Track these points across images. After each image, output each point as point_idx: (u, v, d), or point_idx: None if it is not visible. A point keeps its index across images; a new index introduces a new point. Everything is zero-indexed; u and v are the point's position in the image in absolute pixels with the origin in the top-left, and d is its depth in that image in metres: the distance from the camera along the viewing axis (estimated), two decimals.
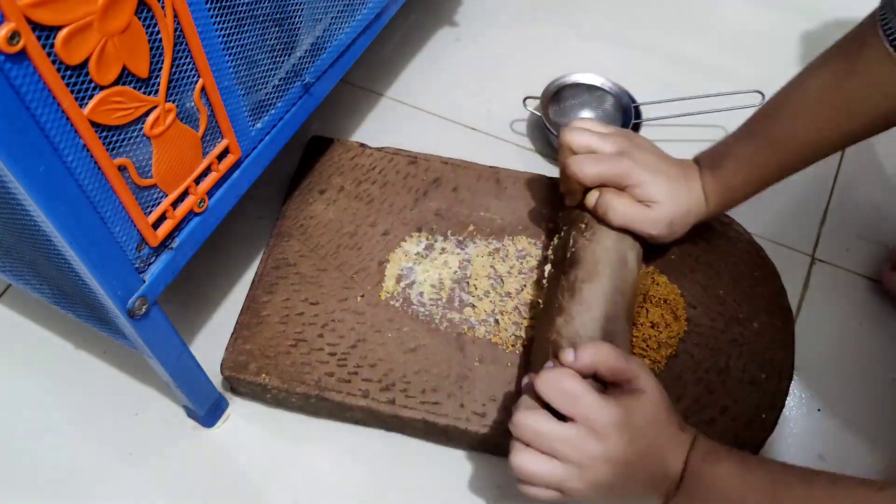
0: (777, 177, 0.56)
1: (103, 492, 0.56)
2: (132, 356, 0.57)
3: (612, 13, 0.91)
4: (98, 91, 0.35)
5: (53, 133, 0.34)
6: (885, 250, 0.69)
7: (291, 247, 0.64)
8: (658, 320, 0.58)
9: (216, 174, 0.47)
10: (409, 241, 0.64)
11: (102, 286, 0.41)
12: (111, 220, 0.39)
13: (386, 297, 0.60)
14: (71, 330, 0.64)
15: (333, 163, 0.70)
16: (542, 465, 0.44)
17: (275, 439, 0.58)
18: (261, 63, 0.48)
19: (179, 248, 0.46)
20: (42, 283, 0.51)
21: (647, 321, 0.58)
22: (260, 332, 0.58)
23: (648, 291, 0.59)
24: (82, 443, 0.58)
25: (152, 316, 0.46)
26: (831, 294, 0.67)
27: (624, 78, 0.78)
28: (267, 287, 0.61)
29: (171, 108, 0.40)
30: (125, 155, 0.39)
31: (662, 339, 0.57)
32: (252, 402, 0.60)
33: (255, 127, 0.50)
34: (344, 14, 0.56)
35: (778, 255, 0.65)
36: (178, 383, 0.52)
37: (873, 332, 0.64)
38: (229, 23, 0.43)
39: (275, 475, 0.57)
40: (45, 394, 0.61)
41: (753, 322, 0.58)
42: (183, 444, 0.58)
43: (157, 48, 0.38)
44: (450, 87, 0.83)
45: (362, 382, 0.56)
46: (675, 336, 0.58)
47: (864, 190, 0.74)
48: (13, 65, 0.30)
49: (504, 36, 0.89)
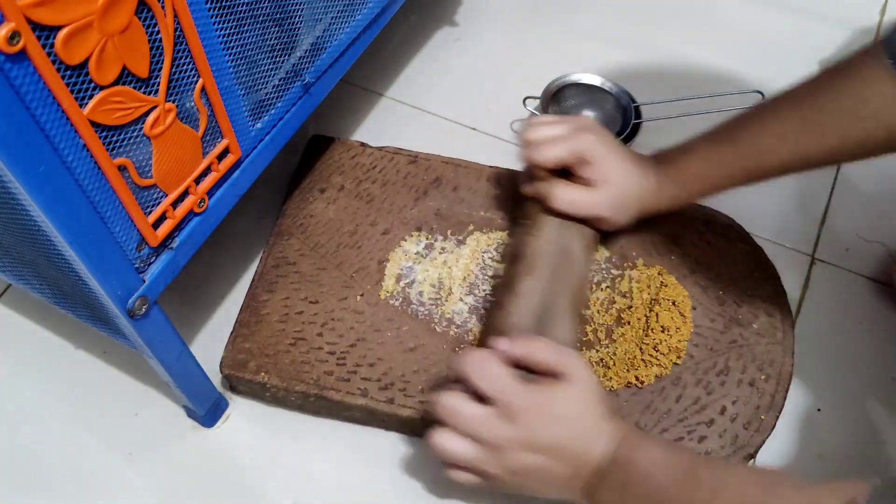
0: (736, 181, 0.55)
1: (103, 492, 0.56)
2: (132, 356, 0.57)
3: (612, 13, 0.91)
4: (98, 91, 0.35)
5: (53, 133, 0.34)
6: (885, 250, 0.69)
7: (291, 245, 0.64)
8: (669, 324, 0.57)
9: (216, 174, 0.47)
10: (408, 241, 0.64)
11: (102, 286, 0.41)
12: (111, 220, 0.39)
13: (385, 296, 0.60)
14: (71, 330, 0.64)
15: (334, 162, 0.70)
16: (457, 445, 0.45)
17: (275, 439, 0.58)
18: (261, 63, 0.48)
19: (179, 248, 0.46)
20: (42, 283, 0.51)
21: (657, 325, 0.57)
22: (259, 330, 0.58)
23: (658, 294, 0.59)
24: (82, 443, 0.58)
25: (152, 316, 0.46)
26: (831, 294, 0.67)
27: (624, 78, 0.78)
28: (267, 286, 0.61)
29: (171, 108, 0.40)
30: (125, 155, 0.39)
31: (673, 343, 0.57)
32: (252, 401, 0.60)
33: (255, 127, 0.50)
34: (344, 14, 0.56)
35: (778, 255, 0.65)
36: (178, 383, 0.52)
37: (873, 332, 0.64)
38: (229, 23, 0.43)
39: (275, 475, 0.57)
40: (45, 394, 0.61)
41: (753, 323, 0.58)
42: (183, 444, 0.58)
43: (157, 48, 0.38)
44: (450, 87, 0.83)
45: (361, 381, 0.56)
46: (685, 340, 0.57)
47: (864, 190, 0.74)
48: (13, 65, 0.30)
49: (504, 36, 0.89)
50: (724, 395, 0.55)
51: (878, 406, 0.60)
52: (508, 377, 0.45)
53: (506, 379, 0.45)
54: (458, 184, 0.68)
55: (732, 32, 0.88)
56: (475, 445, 0.45)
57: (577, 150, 0.55)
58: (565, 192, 0.56)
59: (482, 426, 0.44)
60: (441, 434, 0.46)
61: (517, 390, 0.44)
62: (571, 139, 0.56)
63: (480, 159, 0.70)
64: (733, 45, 0.87)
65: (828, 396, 0.61)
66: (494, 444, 0.44)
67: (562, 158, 0.56)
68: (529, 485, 0.45)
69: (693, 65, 0.85)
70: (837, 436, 0.59)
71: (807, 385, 0.61)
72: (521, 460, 0.44)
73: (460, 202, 0.67)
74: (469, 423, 0.45)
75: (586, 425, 0.44)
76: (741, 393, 0.55)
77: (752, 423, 0.54)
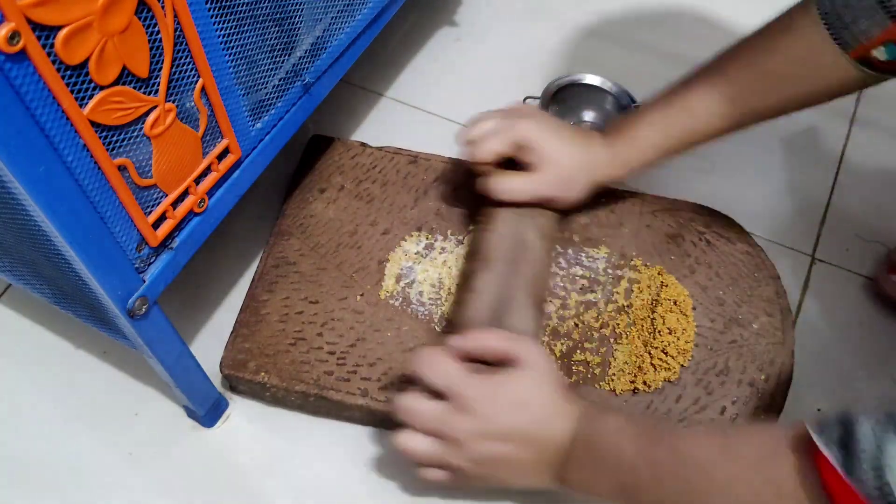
0: (686, 143, 0.56)
1: (103, 492, 0.56)
2: (132, 356, 0.57)
3: (612, 13, 0.91)
4: (98, 91, 0.35)
5: (53, 133, 0.34)
6: (885, 250, 0.69)
7: (291, 245, 0.64)
8: (675, 325, 0.57)
9: (216, 174, 0.47)
10: (408, 241, 0.64)
11: (102, 286, 0.41)
12: (111, 220, 0.39)
13: (385, 296, 0.60)
14: (71, 330, 0.64)
15: (334, 162, 0.70)
16: (419, 443, 0.46)
17: (275, 439, 0.58)
18: (261, 63, 0.48)
19: (179, 248, 0.46)
20: (42, 283, 0.51)
21: (664, 328, 0.57)
22: (259, 330, 0.58)
23: (659, 295, 0.59)
24: (82, 443, 0.58)
25: (152, 316, 0.46)
26: (831, 294, 0.67)
27: (624, 78, 0.78)
28: (267, 285, 0.61)
29: (171, 108, 0.40)
30: (125, 155, 0.39)
31: (681, 345, 0.56)
32: (252, 401, 0.60)
33: (255, 127, 0.50)
34: (344, 14, 0.56)
35: (778, 255, 0.65)
36: (178, 383, 0.52)
37: (873, 332, 0.64)
38: (229, 23, 0.43)
39: (275, 475, 0.57)
40: (45, 394, 0.61)
41: (753, 323, 0.58)
42: (183, 444, 0.58)
43: (157, 48, 0.38)
44: (450, 87, 0.83)
45: (361, 381, 0.56)
46: (690, 341, 0.57)
47: (864, 190, 0.74)
48: (13, 65, 0.30)
49: (504, 36, 0.89)
50: (723, 396, 0.55)
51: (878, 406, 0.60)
52: (457, 370, 0.45)
53: (455, 372, 0.45)
54: (458, 184, 0.68)
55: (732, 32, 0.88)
56: (436, 442, 0.45)
57: (513, 139, 0.56)
58: (504, 181, 0.57)
59: (438, 421, 0.45)
60: (403, 434, 0.46)
61: (467, 382, 0.45)
62: (506, 130, 0.56)
63: None
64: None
65: (828, 396, 0.60)
66: (454, 438, 0.44)
67: (499, 151, 0.56)
68: (500, 475, 0.46)
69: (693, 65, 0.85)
70: None
71: (807, 385, 0.61)
72: (483, 450, 0.44)
73: (460, 202, 0.67)
74: (426, 420, 0.45)
75: (543, 408, 0.44)
76: (741, 393, 0.55)
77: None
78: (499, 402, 0.44)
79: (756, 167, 0.75)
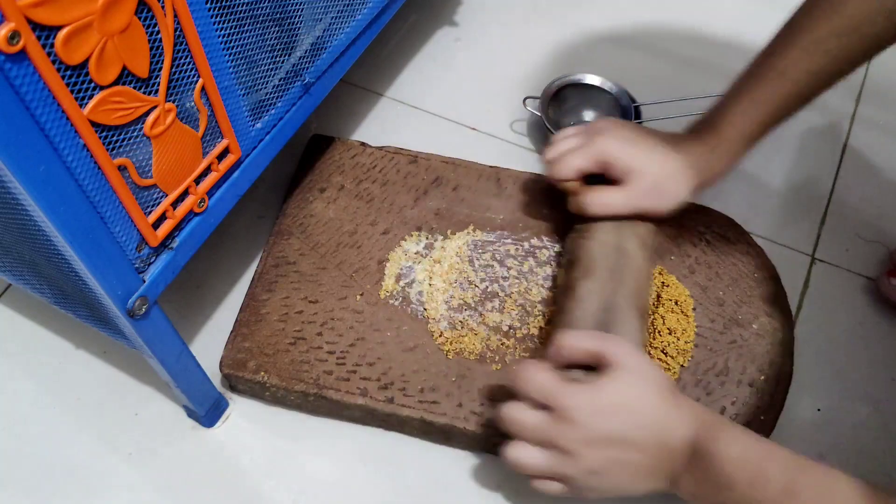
0: (787, 111, 0.54)
1: (103, 491, 0.56)
2: (132, 356, 0.57)
3: (612, 13, 0.91)
4: (98, 91, 0.35)
5: (53, 133, 0.34)
6: (885, 250, 0.69)
7: (291, 245, 0.64)
8: (675, 325, 0.57)
9: (216, 174, 0.47)
10: (408, 240, 0.64)
11: (102, 286, 0.41)
12: (111, 220, 0.39)
13: (385, 295, 0.60)
14: (71, 330, 0.64)
15: (334, 161, 0.70)
16: (530, 455, 0.45)
17: (275, 439, 0.58)
18: (261, 63, 0.48)
19: (179, 248, 0.46)
20: (42, 283, 0.51)
21: (664, 328, 0.57)
22: (259, 329, 0.58)
23: (660, 295, 0.59)
24: (82, 443, 0.58)
25: (152, 316, 0.46)
26: (831, 294, 0.67)
27: (624, 78, 0.78)
28: (266, 285, 0.61)
29: (171, 108, 0.40)
30: (125, 155, 0.39)
31: (681, 346, 0.57)
32: (252, 401, 0.60)
33: (255, 127, 0.50)
34: (344, 14, 0.56)
35: (778, 255, 0.65)
36: (178, 383, 0.52)
37: (873, 332, 0.64)
38: (229, 23, 0.43)
39: (275, 474, 0.57)
40: (45, 393, 0.61)
41: (753, 324, 0.58)
42: (183, 444, 0.58)
43: (157, 48, 0.38)
44: (450, 87, 0.83)
45: (361, 381, 0.56)
46: (690, 342, 0.57)
47: (864, 190, 0.74)
48: (13, 65, 0.30)
49: (504, 36, 0.89)
50: (723, 396, 0.55)
51: (879, 406, 0.60)
52: (553, 380, 0.45)
53: (551, 382, 0.45)
54: (458, 184, 0.68)
55: (732, 32, 0.88)
56: (546, 452, 0.45)
57: (594, 156, 0.56)
58: (595, 196, 0.56)
59: (545, 433, 0.44)
60: (512, 447, 0.46)
61: (564, 391, 0.44)
62: (586, 146, 0.56)
63: (480, 159, 0.70)
64: (733, 45, 0.87)
65: (828, 396, 0.61)
66: (563, 448, 0.44)
67: (582, 168, 0.56)
68: (612, 481, 0.45)
69: (693, 65, 0.85)
70: (837, 436, 0.59)
71: (807, 385, 0.61)
72: (593, 458, 0.43)
73: (460, 202, 0.67)
74: (531, 430, 0.45)
75: (648, 412, 0.43)
76: (741, 393, 0.55)
77: (751, 424, 0.54)
78: (598, 407, 0.43)
79: (756, 167, 0.75)
